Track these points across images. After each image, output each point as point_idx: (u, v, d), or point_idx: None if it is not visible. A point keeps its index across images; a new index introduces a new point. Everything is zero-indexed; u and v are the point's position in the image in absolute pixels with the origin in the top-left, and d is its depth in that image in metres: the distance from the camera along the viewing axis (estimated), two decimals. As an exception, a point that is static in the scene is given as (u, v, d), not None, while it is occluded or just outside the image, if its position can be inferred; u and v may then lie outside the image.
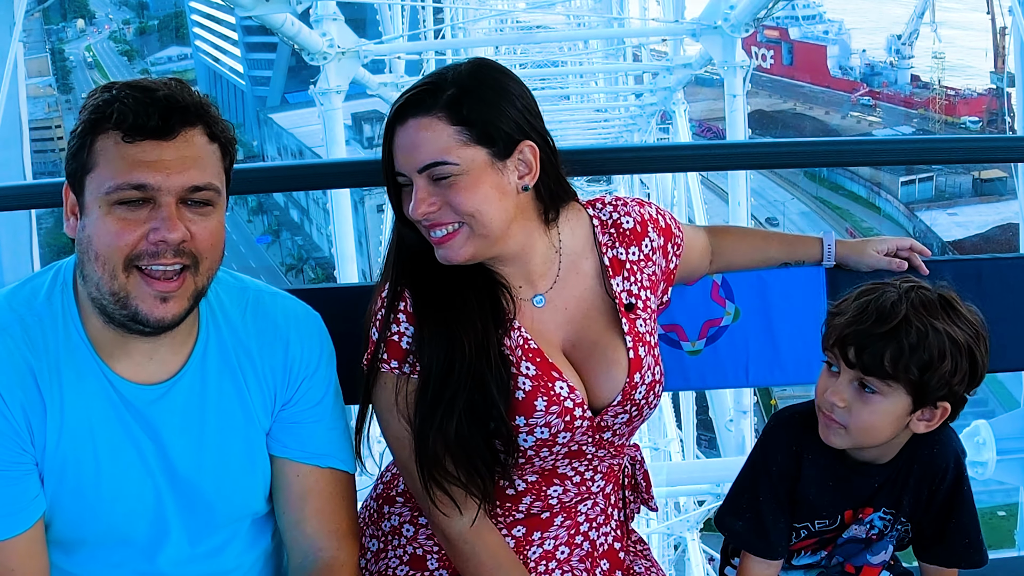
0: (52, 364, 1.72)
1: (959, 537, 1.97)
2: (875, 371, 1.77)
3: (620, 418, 1.95)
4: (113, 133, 1.64)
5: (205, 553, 1.84)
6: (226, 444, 1.81)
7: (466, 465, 1.85)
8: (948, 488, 1.94)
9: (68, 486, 1.74)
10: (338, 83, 12.07)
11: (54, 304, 1.75)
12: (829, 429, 1.86)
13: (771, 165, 3.10)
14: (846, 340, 1.79)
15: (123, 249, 1.64)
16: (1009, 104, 29.94)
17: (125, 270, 1.65)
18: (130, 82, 1.70)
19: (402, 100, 1.84)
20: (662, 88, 19.11)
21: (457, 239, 1.83)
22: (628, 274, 2.00)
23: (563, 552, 2.04)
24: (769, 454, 1.97)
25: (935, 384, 1.76)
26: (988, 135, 7.02)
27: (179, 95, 1.67)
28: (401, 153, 1.83)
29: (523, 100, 1.87)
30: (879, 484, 1.93)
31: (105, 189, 1.64)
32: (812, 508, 1.96)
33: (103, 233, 1.65)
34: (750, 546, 1.99)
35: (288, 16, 10.68)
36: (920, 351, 1.74)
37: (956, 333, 1.76)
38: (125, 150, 1.63)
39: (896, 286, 1.82)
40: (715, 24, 12.34)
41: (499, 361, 1.86)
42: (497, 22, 23.57)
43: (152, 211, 1.65)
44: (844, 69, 66.05)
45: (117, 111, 1.63)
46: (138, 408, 1.76)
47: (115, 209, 1.64)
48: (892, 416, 1.81)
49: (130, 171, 1.63)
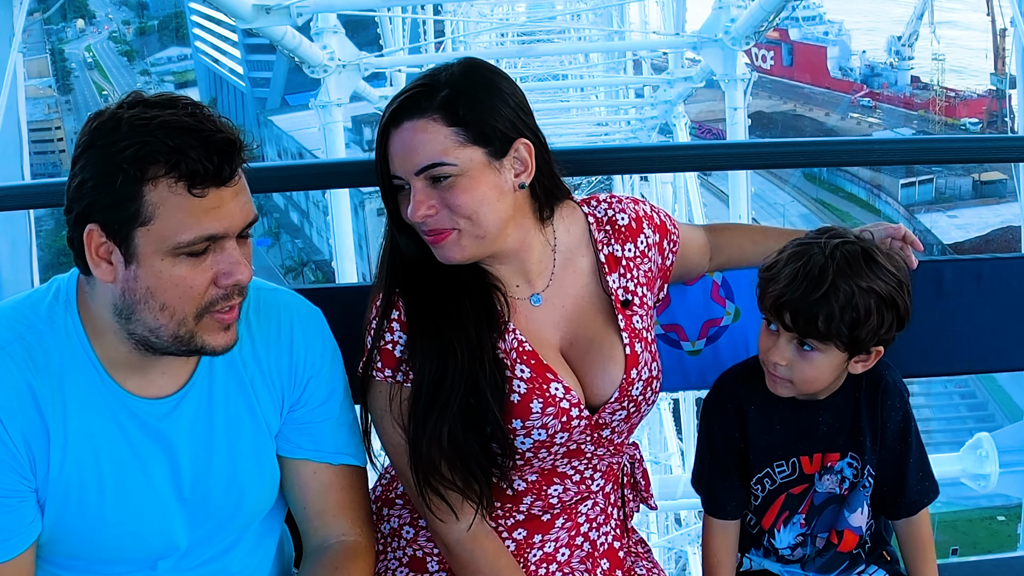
0: (55, 384, 1.67)
1: (915, 475, 2.05)
2: (811, 333, 1.91)
3: (618, 415, 1.95)
4: (172, 184, 1.56)
5: (211, 557, 1.84)
6: (235, 450, 1.80)
7: (462, 470, 1.85)
8: (898, 421, 2.03)
9: (72, 508, 1.71)
10: (339, 96, 12.08)
11: (56, 322, 1.70)
12: (776, 383, 1.99)
13: (771, 165, 3.10)
14: (782, 307, 1.92)
15: (196, 299, 1.61)
16: (1010, 106, 29.95)
17: (196, 317, 1.63)
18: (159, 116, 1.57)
19: (396, 103, 1.83)
20: (663, 101, 19.17)
21: (454, 239, 1.83)
22: (624, 271, 2.00)
23: (563, 554, 2.03)
24: (711, 418, 2.09)
25: (866, 337, 1.91)
26: (988, 135, 7.03)
27: (233, 134, 1.61)
28: (397, 156, 1.82)
29: (515, 98, 1.87)
30: (825, 421, 2.03)
31: (174, 244, 1.58)
32: (765, 453, 2.05)
33: (172, 286, 1.60)
34: (705, 506, 2.12)
35: (289, 29, 10.72)
36: (849, 311, 1.88)
37: (879, 287, 1.89)
38: (192, 202, 1.57)
39: (821, 245, 1.92)
40: (716, 37, 12.42)
41: (493, 366, 1.86)
42: (498, 35, 23.57)
43: (215, 254, 1.61)
44: (844, 70, 66.08)
45: (182, 162, 1.55)
46: (149, 423, 1.74)
47: (182, 260, 1.59)
48: (831, 366, 1.95)
49: (200, 224, 1.58)
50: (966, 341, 2.42)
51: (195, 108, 1.62)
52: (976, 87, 60.29)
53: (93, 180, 1.58)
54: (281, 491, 1.91)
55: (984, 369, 2.58)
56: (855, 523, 2.07)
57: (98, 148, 1.58)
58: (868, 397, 2.03)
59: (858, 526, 2.08)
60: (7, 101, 5.42)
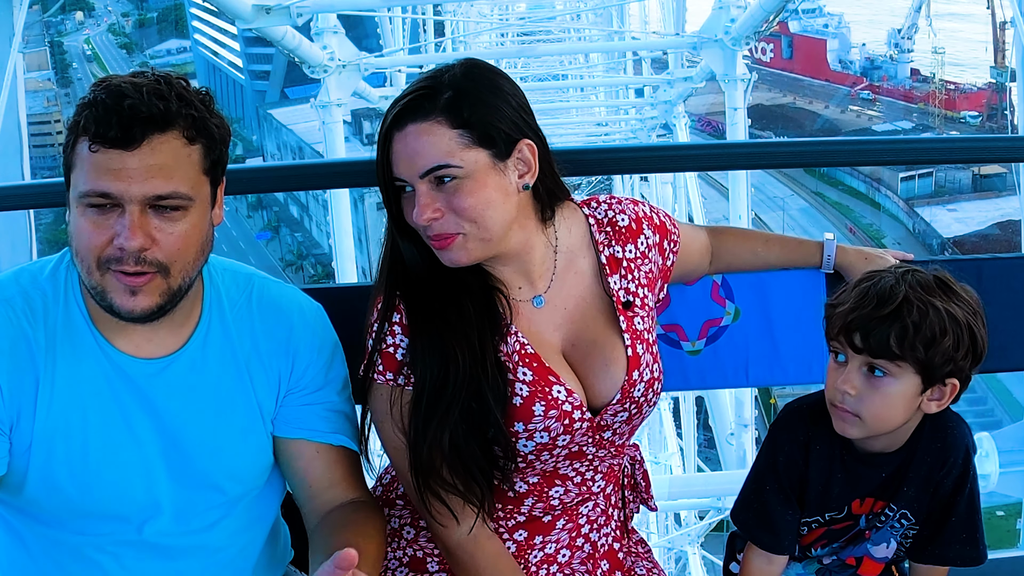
0: (50, 335, 1.75)
1: (956, 533, 1.97)
2: (883, 353, 1.80)
3: (620, 416, 1.95)
4: (86, 139, 1.67)
5: (196, 528, 1.86)
6: (221, 421, 1.84)
7: (463, 475, 1.85)
8: (953, 481, 1.94)
9: (57, 459, 1.76)
10: (339, 96, 12.05)
11: (57, 280, 1.79)
12: (844, 421, 1.87)
13: (771, 165, 3.11)
14: (851, 326, 1.82)
15: (94, 251, 1.68)
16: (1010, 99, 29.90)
17: (99, 269, 1.70)
18: (114, 83, 1.70)
19: (398, 107, 1.82)
20: (663, 101, 19.15)
21: (460, 243, 1.83)
22: (625, 272, 2.00)
23: (564, 555, 2.04)
24: (778, 444, 1.98)
25: (940, 360, 1.79)
26: (988, 135, 7.03)
27: (145, 104, 1.66)
28: (402, 160, 1.81)
29: (517, 99, 1.86)
30: (886, 474, 1.94)
31: (78, 192, 1.68)
32: (822, 500, 1.97)
33: (78, 233, 1.69)
34: (756, 538, 2.01)
35: (288, 29, 10.72)
36: (923, 328, 1.78)
37: (954, 310, 1.80)
38: (93, 157, 1.66)
39: (892, 271, 1.86)
40: (716, 37, 12.38)
41: (495, 370, 1.85)
42: (498, 35, 23.53)
43: (120, 216, 1.68)
44: (844, 63, 65.95)
45: (85, 118, 1.66)
46: (136, 382, 1.79)
47: (88, 211, 1.68)
48: (903, 399, 1.83)
49: (97, 179, 1.66)
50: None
51: (162, 81, 1.70)
52: (976, 80, 60.22)
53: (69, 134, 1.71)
54: (282, 476, 1.95)
55: (984, 369, 2.56)
56: (878, 554, 2.02)
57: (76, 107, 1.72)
58: (933, 456, 1.93)
59: (882, 557, 2.02)
60: (7, 100, 5.41)
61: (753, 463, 2.04)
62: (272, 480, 1.96)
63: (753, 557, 2.03)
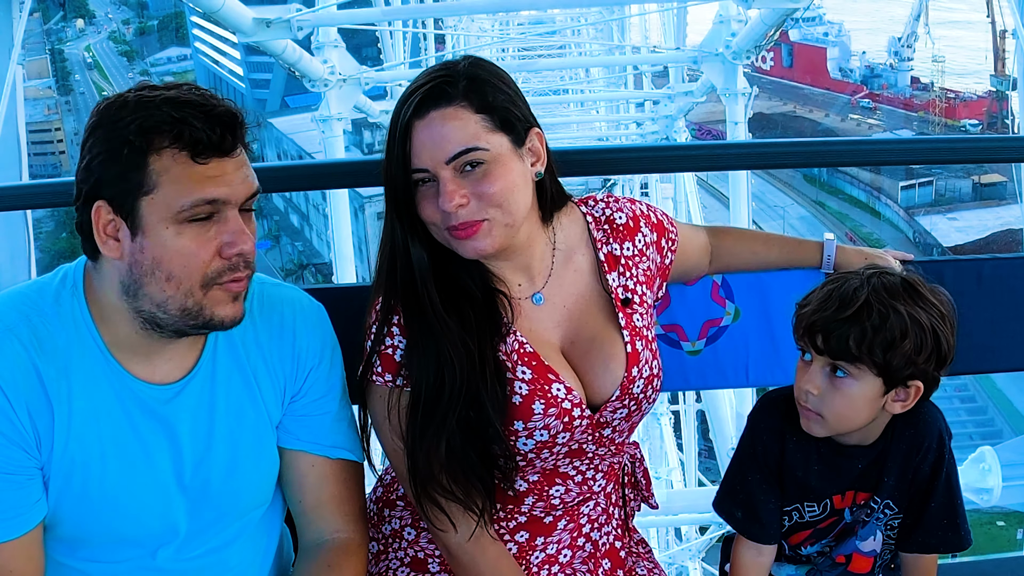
0: (61, 366, 1.70)
1: (937, 519, 1.98)
2: (842, 355, 1.83)
3: (619, 413, 1.95)
4: (176, 153, 1.62)
5: (211, 549, 1.85)
6: (236, 438, 1.82)
7: (462, 481, 1.85)
8: (929, 467, 1.96)
9: (74, 489, 1.73)
10: (339, 110, 12.01)
11: (63, 306, 1.73)
12: (808, 419, 1.91)
13: (770, 165, 3.10)
14: (813, 328, 1.86)
15: (201, 268, 1.66)
16: (1010, 108, 29.96)
17: (203, 288, 1.67)
18: (164, 94, 1.66)
19: (418, 96, 1.80)
20: (663, 116, 19.15)
21: (486, 229, 1.82)
22: (624, 269, 2.01)
23: (565, 556, 2.03)
24: (756, 434, 2.01)
25: (900, 363, 1.82)
26: (988, 136, 7.04)
27: (236, 110, 1.69)
28: (426, 148, 1.80)
29: (520, 93, 1.89)
30: (863, 466, 1.96)
31: (177, 209, 1.63)
32: (799, 490, 1.99)
33: (178, 254, 1.64)
34: (744, 529, 2.03)
35: (289, 43, 10.71)
36: (882, 331, 1.80)
37: (918, 314, 1.82)
38: (195, 169, 1.63)
39: (859, 274, 1.89)
40: (716, 52, 12.37)
41: (494, 373, 1.85)
42: (499, 50, 23.54)
43: (219, 225, 1.66)
44: (844, 71, 66.10)
45: (186, 131, 1.62)
46: (153, 408, 1.76)
47: (187, 228, 1.64)
48: (865, 400, 1.86)
49: (203, 189, 1.63)
50: (966, 341, 2.41)
51: (198, 89, 1.69)
52: (976, 88, 60.30)
53: (101, 156, 1.64)
54: (279, 485, 1.93)
55: (984, 369, 2.57)
56: (865, 548, 2.03)
57: (105, 126, 1.65)
58: (907, 444, 1.95)
59: (870, 550, 2.03)
60: (6, 111, 5.41)
61: (734, 455, 2.06)
62: (278, 491, 1.95)
63: (743, 550, 2.04)
